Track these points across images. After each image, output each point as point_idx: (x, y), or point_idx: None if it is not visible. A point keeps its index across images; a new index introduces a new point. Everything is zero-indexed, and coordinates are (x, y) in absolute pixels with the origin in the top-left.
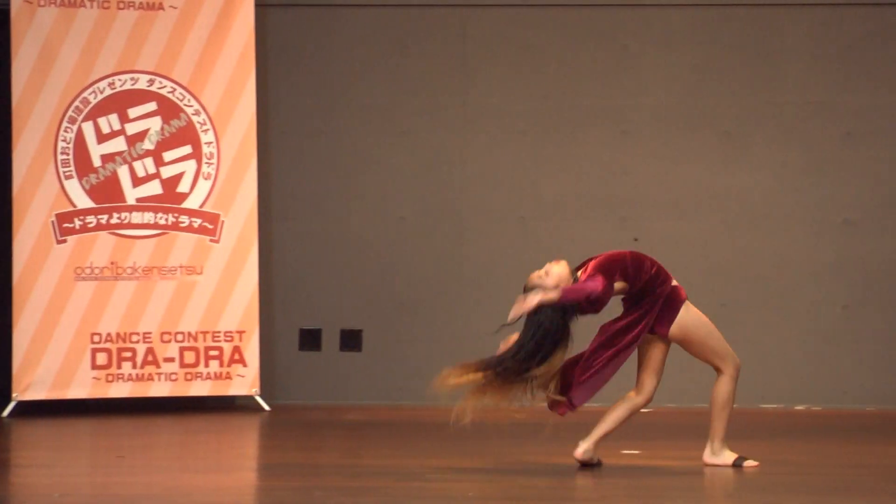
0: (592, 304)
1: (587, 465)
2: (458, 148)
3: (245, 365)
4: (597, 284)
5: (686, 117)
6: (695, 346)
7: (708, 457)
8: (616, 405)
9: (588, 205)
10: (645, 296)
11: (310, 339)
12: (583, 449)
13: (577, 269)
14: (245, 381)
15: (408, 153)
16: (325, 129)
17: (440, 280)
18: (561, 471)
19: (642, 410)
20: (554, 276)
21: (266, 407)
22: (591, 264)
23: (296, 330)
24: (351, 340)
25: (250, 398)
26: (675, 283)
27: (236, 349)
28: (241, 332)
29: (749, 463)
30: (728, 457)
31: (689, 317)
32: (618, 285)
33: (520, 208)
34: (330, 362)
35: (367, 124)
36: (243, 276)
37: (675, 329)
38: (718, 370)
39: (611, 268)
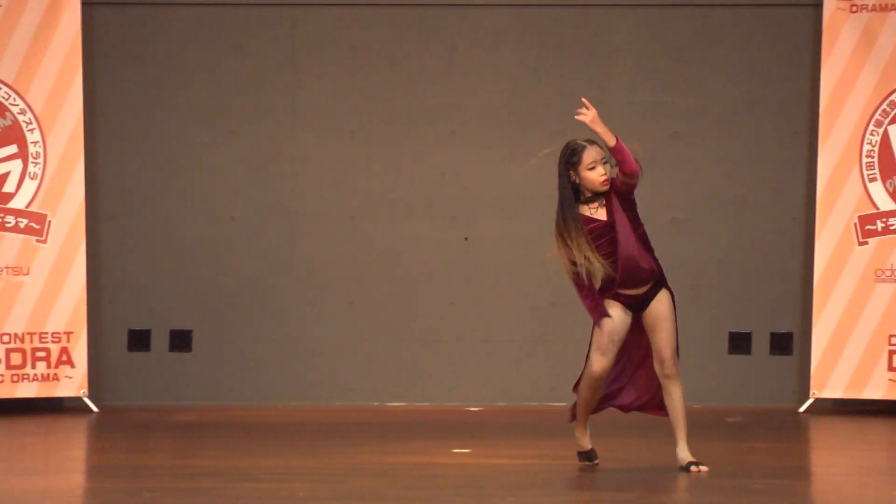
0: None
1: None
2: (288, 148)
3: (73, 366)
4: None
5: (515, 117)
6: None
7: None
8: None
9: (418, 204)
10: None
11: (139, 340)
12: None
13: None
14: (73, 383)
15: (237, 153)
16: (153, 128)
17: (271, 280)
18: (390, 470)
19: (474, 409)
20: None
21: (94, 408)
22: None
23: (125, 330)
24: (180, 341)
25: (78, 399)
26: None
27: (64, 350)
28: (68, 333)
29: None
30: (585, 442)
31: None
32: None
33: (350, 208)
34: (159, 363)
35: (196, 124)
36: (71, 276)
37: None
38: None
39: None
